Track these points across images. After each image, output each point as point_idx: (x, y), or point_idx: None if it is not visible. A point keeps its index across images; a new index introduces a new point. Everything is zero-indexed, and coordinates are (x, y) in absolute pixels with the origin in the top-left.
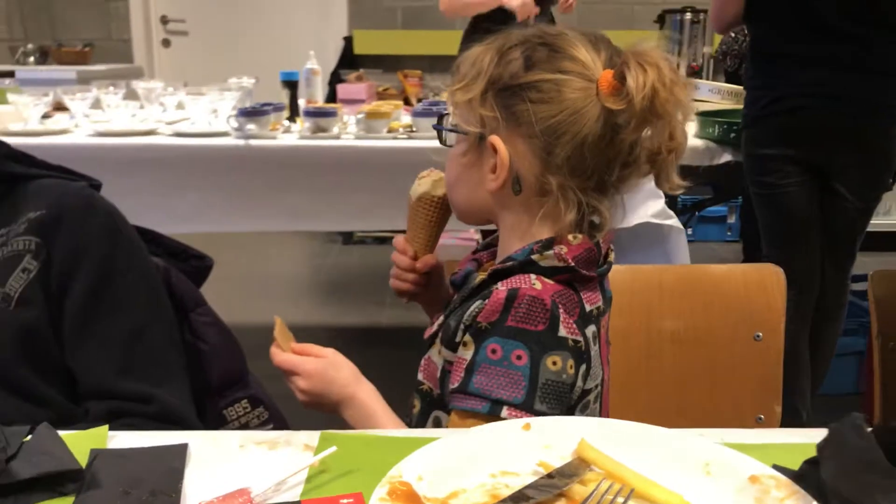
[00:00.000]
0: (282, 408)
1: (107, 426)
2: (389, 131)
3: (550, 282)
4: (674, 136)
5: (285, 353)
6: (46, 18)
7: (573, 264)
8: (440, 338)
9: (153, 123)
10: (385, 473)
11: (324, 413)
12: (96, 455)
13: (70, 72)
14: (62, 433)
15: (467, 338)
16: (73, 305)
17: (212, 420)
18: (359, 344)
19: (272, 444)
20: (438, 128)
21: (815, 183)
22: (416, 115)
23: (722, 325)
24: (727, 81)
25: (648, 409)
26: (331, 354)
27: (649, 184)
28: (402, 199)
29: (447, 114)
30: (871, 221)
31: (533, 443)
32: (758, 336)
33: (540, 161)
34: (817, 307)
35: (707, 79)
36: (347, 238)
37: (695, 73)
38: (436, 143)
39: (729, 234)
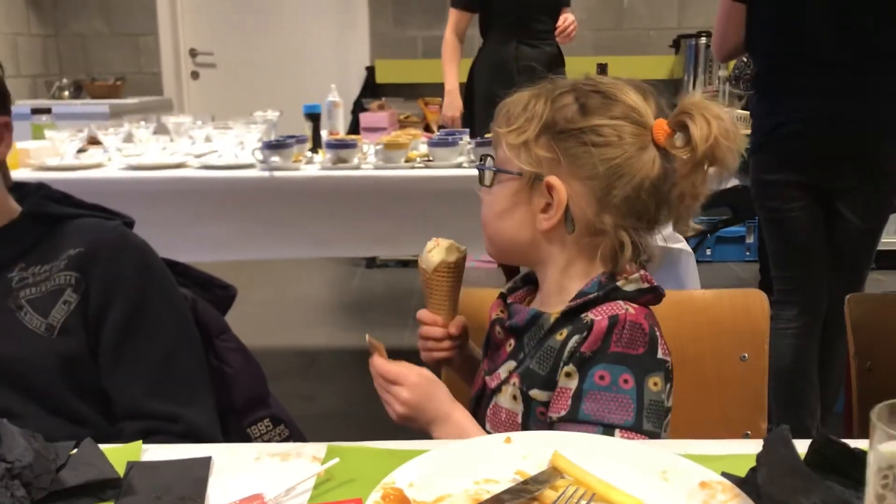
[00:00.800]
0: (300, 426)
1: (140, 441)
2: (407, 161)
3: (638, 305)
4: (697, 184)
5: (391, 363)
6: (81, 54)
7: (657, 283)
8: (518, 384)
9: (182, 156)
10: None
11: (413, 428)
12: (132, 466)
13: (103, 105)
14: (102, 447)
15: (570, 369)
16: (109, 333)
17: (236, 438)
18: None
19: (284, 455)
20: (484, 167)
21: (820, 206)
22: (432, 144)
23: (710, 347)
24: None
25: None
26: (428, 372)
27: None
28: (421, 225)
29: (490, 155)
30: (890, 240)
31: (512, 454)
32: (744, 357)
33: (597, 201)
34: (826, 327)
35: (723, 102)
36: (371, 262)
37: (711, 96)
38: (452, 172)
39: (748, 254)
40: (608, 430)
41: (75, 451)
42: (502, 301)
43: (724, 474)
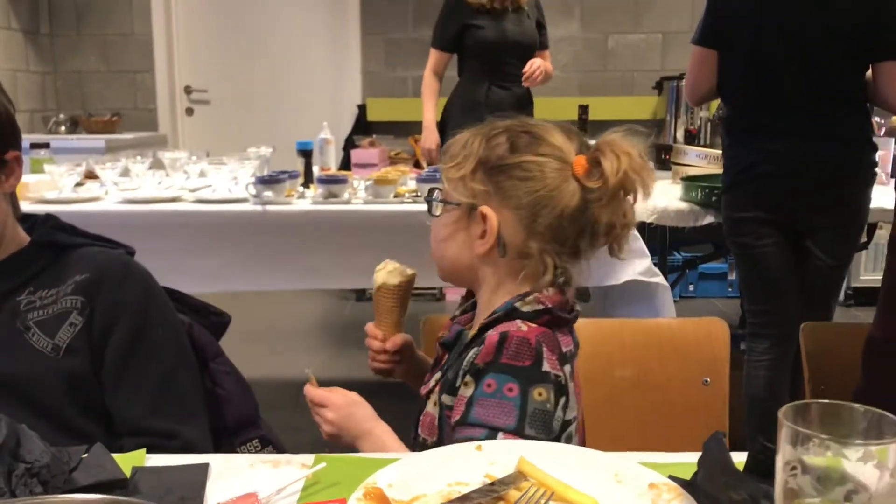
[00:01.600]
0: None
1: (144, 449)
2: (396, 196)
3: (534, 325)
4: (627, 214)
5: (318, 389)
6: (78, 90)
7: (551, 306)
8: (438, 390)
9: (177, 191)
10: None
11: (341, 445)
12: (137, 471)
13: (99, 140)
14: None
15: (468, 378)
16: (112, 354)
17: None
18: (370, 396)
19: (275, 462)
20: (430, 199)
21: (789, 242)
22: (420, 181)
23: (674, 372)
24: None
25: (611, 446)
26: (354, 395)
27: (637, 244)
28: (408, 258)
29: (438, 188)
30: (868, 277)
31: (482, 460)
32: (706, 381)
33: (524, 228)
34: (797, 358)
35: (704, 141)
36: (360, 295)
37: (692, 136)
38: None
39: (730, 290)
40: (492, 432)
41: (86, 455)
42: (450, 321)
43: (671, 477)
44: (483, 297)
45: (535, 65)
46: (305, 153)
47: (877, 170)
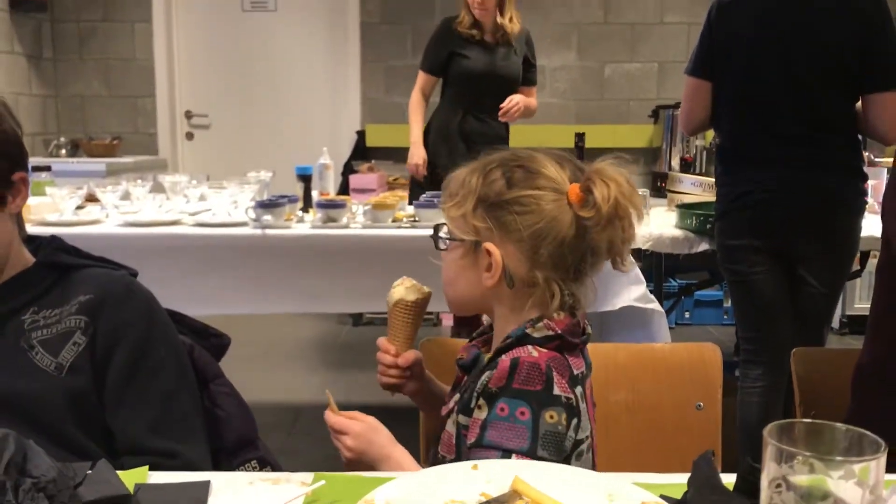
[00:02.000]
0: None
1: (147, 466)
2: (394, 221)
3: (544, 350)
4: (626, 230)
5: (338, 416)
6: (79, 114)
7: (561, 332)
8: (456, 410)
9: (177, 214)
10: None
11: (361, 469)
12: (140, 487)
13: (100, 164)
14: None
15: (482, 401)
16: (115, 373)
17: None
18: None
19: (275, 480)
20: (436, 237)
21: (782, 270)
22: (418, 206)
23: (668, 397)
24: None
25: (606, 467)
26: (372, 420)
27: (633, 270)
28: None
29: (443, 224)
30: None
31: (478, 479)
32: (699, 406)
33: (528, 259)
34: (790, 383)
35: (700, 169)
36: (357, 319)
37: (688, 164)
38: None
39: (725, 317)
40: (506, 454)
41: (90, 471)
42: (468, 344)
43: (663, 496)
44: (497, 325)
45: (513, 101)
46: (305, 178)
47: (868, 199)
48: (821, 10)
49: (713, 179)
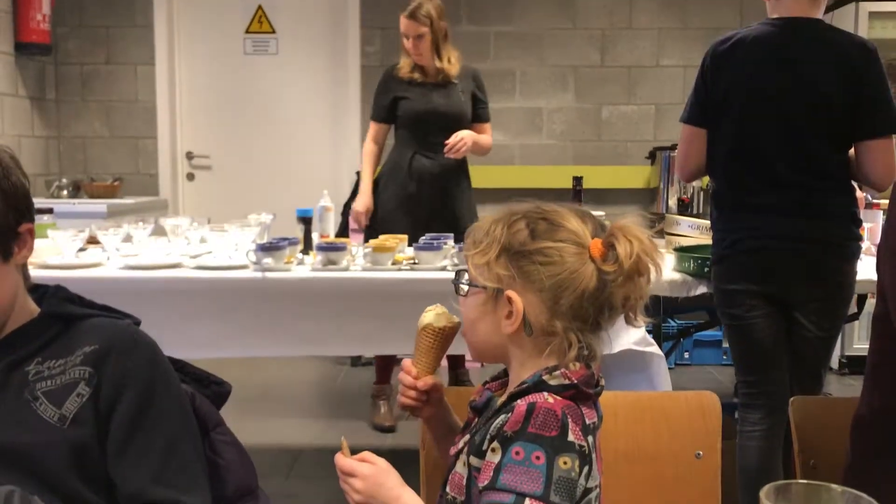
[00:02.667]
0: None
1: None
2: (394, 263)
3: (559, 398)
4: (643, 287)
5: (347, 458)
6: (81, 155)
7: (576, 381)
8: (466, 451)
9: (178, 257)
10: None
11: None
12: None
13: (101, 205)
14: None
15: (496, 444)
16: (118, 424)
17: None
18: None
19: None
20: (458, 282)
21: (779, 314)
22: (418, 249)
23: (667, 445)
24: None
25: None
26: (383, 462)
27: None
28: (406, 326)
29: (465, 270)
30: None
31: None
32: (698, 454)
33: (548, 309)
34: (789, 427)
35: (697, 210)
36: (355, 361)
37: (685, 205)
38: (434, 275)
39: (725, 357)
40: (520, 498)
41: None
42: (482, 387)
43: None
44: (513, 370)
45: (459, 136)
46: (305, 220)
47: (862, 243)
48: (813, 59)
49: (702, 221)
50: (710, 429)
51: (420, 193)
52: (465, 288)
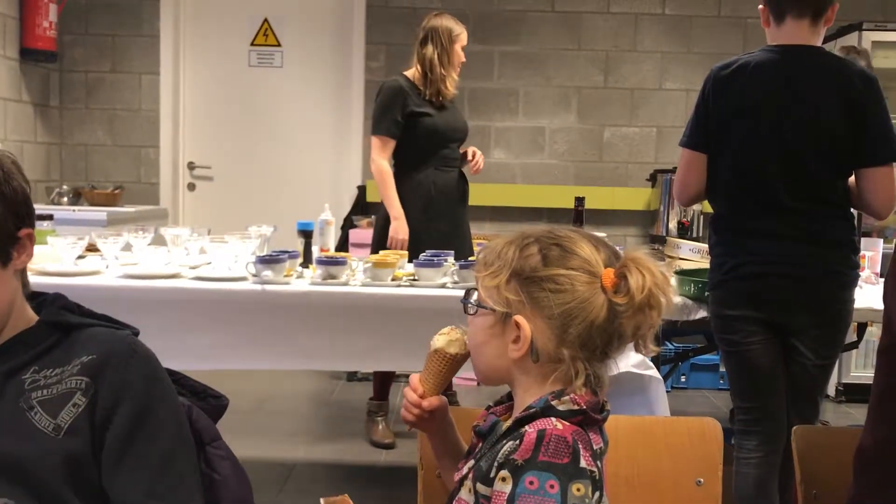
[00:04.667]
0: None
1: None
2: (394, 279)
3: (568, 423)
4: (654, 319)
5: None
6: (83, 163)
7: (585, 407)
8: (471, 478)
9: (177, 267)
10: None
11: None
12: None
13: (101, 213)
14: None
15: (505, 474)
16: (114, 435)
17: None
18: (356, 483)
19: None
20: (467, 302)
21: (777, 340)
22: (418, 265)
23: (668, 472)
24: None
25: None
26: None
27: None
28: (405, 342)
29: (474, 289)
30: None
31: None
32: (699, 482)
33: (556, 337)
34: (786, 455)
35: (697, 233)
36: (351, 375)
37: (685, 228)
38: (436, 291)
39: (721, 381)
40: None
41: None
42: (486, 412)
43: None
44: (518, 395)
45: (474, 150)
46: (306, 233)
47: (860, 271)
48: (815, 86)
49: (700, 245)
50: (711, 455)
51: (448, 209)
52: (475, 308)
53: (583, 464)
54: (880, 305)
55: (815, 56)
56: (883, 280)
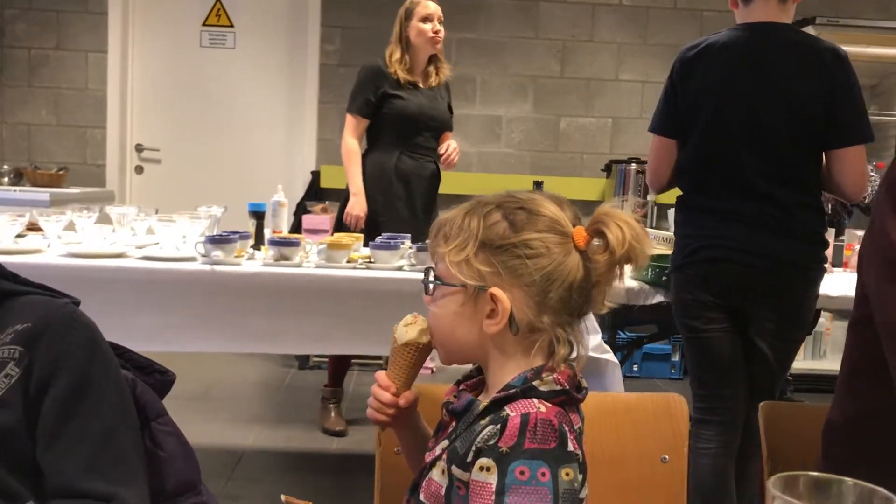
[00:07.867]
0: None
1: None
2: (349, 261)
3: (550, 405)
4: (622, 273)
5: None
6: (25, 143)
7: (568, 387)
8: (446, 459)
9: (123, 247)
10: None
11: None
12: None
13: (44, 193)
14: None
15: (489, 463)
16: (50, 408)
17: None
18: (308, 470)
19: None
20: (430, 282)
21: (737, 328)
22: (374, 247)
23: (632, 449)
24: None
25: None
26: None
27: (589, 320)
28: (359, 325)
29: (432, 268)
30: (805, 364)
31: None
32: (664, 458)
33: (535, 304)
34: (742, 443)
35: (651, 224)
36: (304, 362)
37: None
38: (390, 274)
39: (673, 371)
40: None
41: None
42: (456, 387)
43: None
44: (491, 372)
45: (449, 144)
46: (258, 214)
47: (826, 265)
48: (785, 66)
49: (665, 233)
50: (676, 432)
51: (408, 196)
52: (441, 287)
53: (570, 447)
54: (833, 294)
55: (783, 32)
56: (856, 257)
